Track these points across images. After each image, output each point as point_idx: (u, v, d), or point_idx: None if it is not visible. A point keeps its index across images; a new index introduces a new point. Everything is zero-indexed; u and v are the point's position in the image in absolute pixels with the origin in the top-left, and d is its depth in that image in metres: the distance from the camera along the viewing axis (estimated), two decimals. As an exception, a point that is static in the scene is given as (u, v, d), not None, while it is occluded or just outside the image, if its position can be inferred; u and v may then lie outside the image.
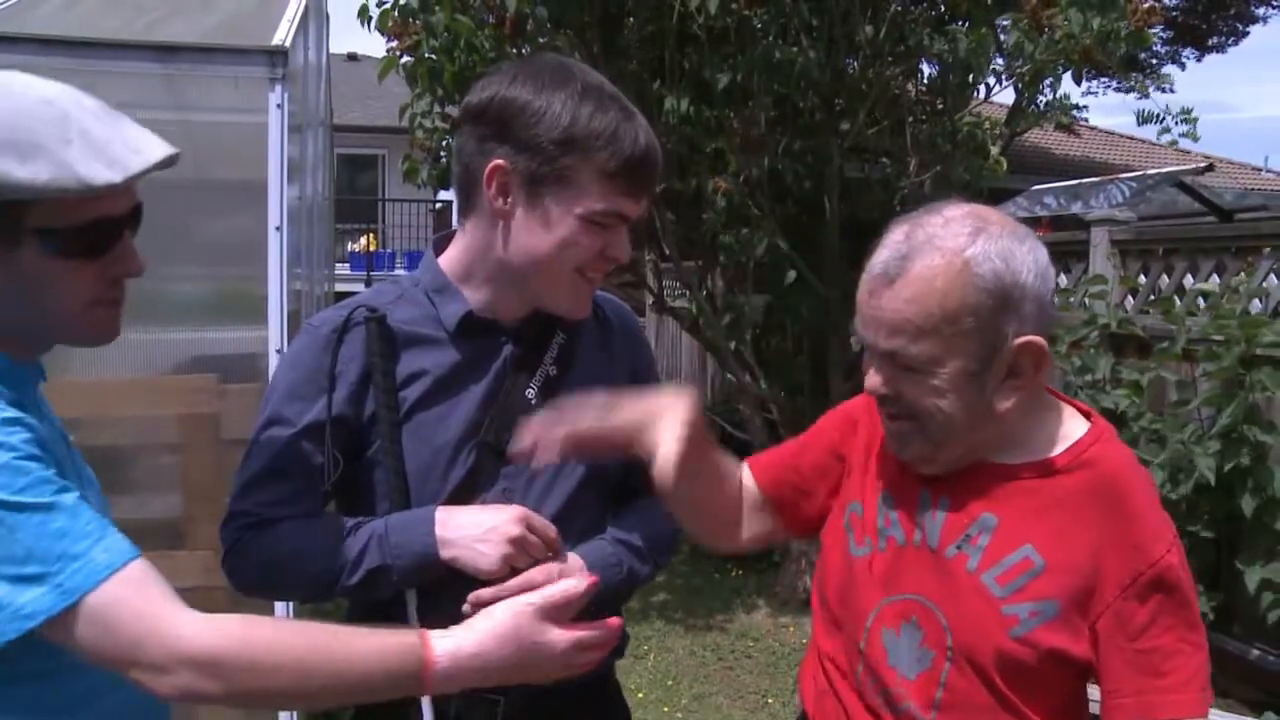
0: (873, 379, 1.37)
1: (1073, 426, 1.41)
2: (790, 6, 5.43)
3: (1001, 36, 5.86)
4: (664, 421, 1.36)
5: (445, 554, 1.46)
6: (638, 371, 1.72)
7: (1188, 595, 1.33)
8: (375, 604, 1.54)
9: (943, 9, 6.09)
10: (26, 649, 1.10)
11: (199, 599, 2.99)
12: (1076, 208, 9.72)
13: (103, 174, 1.16)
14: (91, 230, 1.20)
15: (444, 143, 6.27)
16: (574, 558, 1.54)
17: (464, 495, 1.53)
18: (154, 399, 2.90)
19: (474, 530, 1.46)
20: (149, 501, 2.95)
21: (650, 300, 7.56)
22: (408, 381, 1.53)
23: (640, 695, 4.80)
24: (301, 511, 1.52)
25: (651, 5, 5.43)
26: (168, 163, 1.21)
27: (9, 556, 1.08)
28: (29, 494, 1.10)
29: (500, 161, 1.47)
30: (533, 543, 1.47)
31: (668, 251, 6.30)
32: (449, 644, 1.24)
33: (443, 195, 14.78)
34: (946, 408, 1.32)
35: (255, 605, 1.85)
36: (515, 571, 1.46)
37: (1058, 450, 1.38)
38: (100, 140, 1.16)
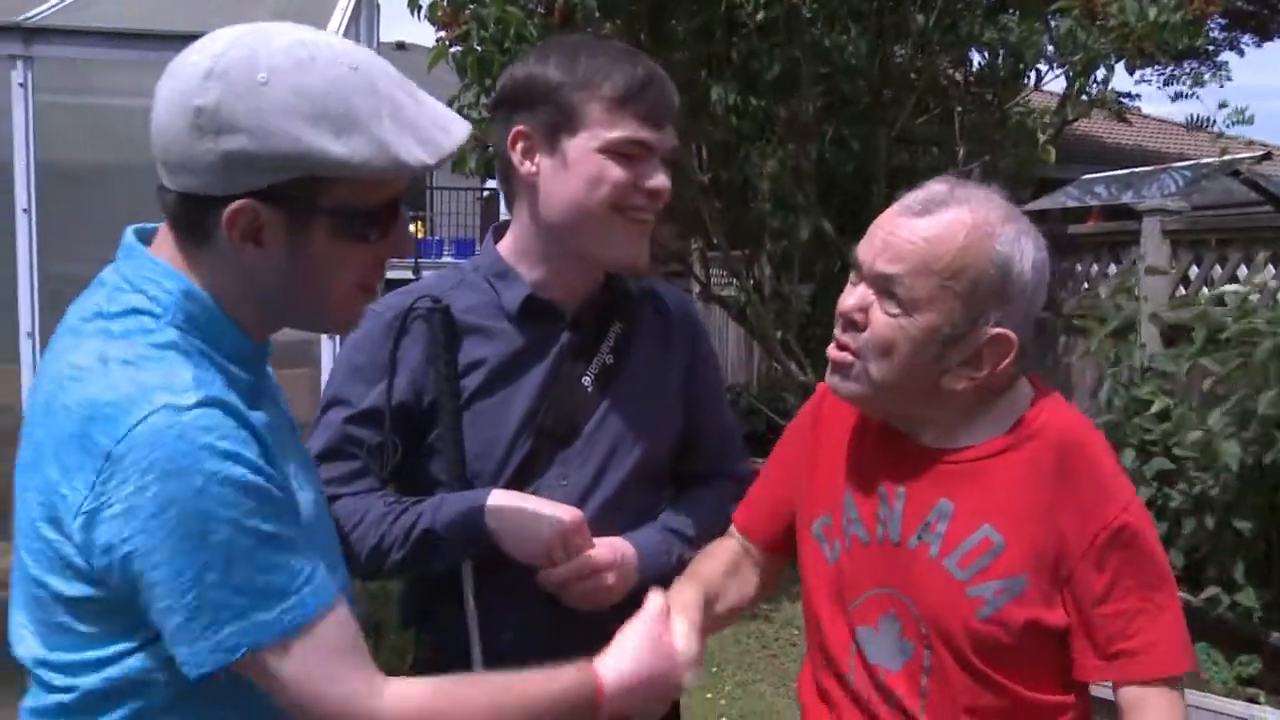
0: (852, 300, 1.37)
1: (1019, 399, 1.42)
2: (840, -4, 5.43)
3: (1053, 24, 5.79)
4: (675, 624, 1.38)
5: (491, 524, 1.49)
6: (695, 364, 1.74)
7: (1149, 552, 1.34)
8: (433, 588, 1.58)
9: (994, -3, 6.03)
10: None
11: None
12: (1128, 197, 9.59)
13: (416, 153, 1.08)
14: (385, 211, 1.13)
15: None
16: (625, 543, 1.57)
17: (520, 480, 1.56)
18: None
19: (526, 514, 1.49)
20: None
21: (697, 289, 7.57)
22: (468, 370, 1.56)
23: (683, 681, 4.84)
24: (359, 491, 1.55)
25: (698, -6, 5.44)
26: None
27: (233, 585, 1.02)
28: (260, 521, 1.04)
29: (519, 127, 1.52)
30: (575, 544, 1.49)
31: (715, 240, 6.31)
32: (611, 665, 1.25)
33: (490, 184, 14.89)
34: (903, 351, 1.32)
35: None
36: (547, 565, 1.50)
37: (1006, 427, 1.39)
38: (410, 116, 1.09)
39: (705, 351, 1.79)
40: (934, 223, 1.31)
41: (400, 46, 22.67)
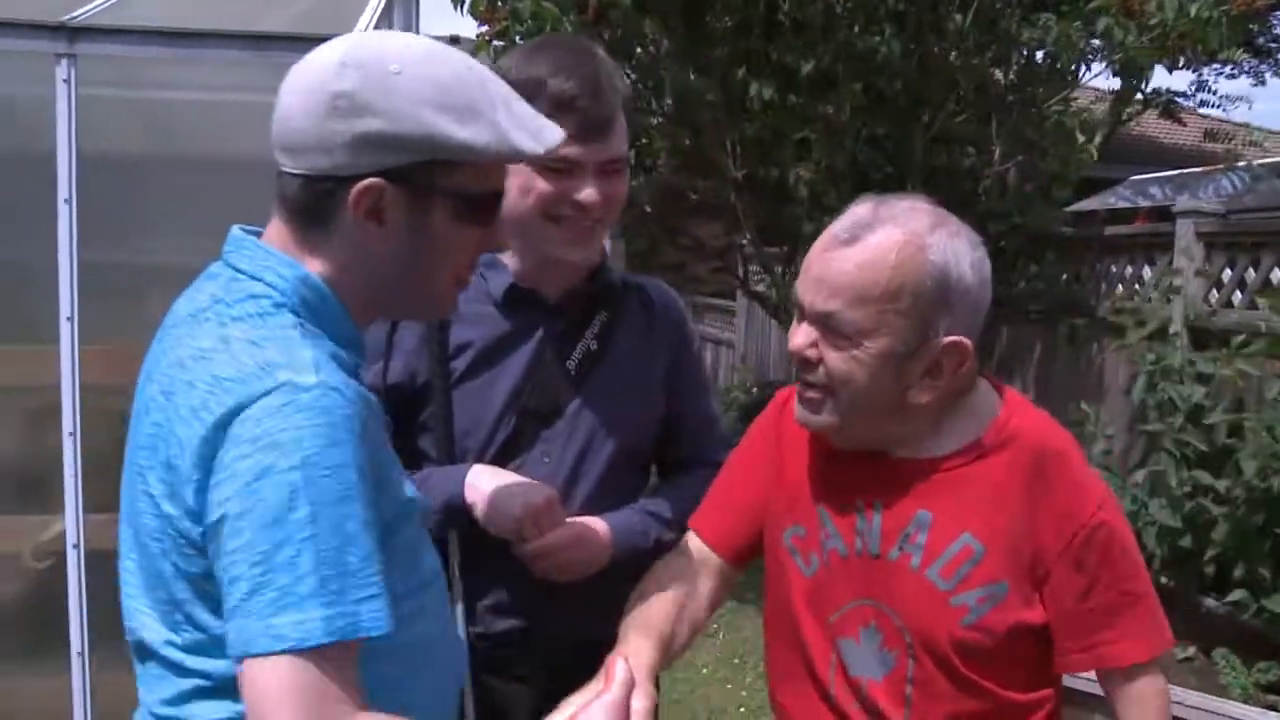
0: (800, 338, 1.38)
1: (988, 405, 1.44)
2: (875, -6, 5.43)
3: (1094, 24, 5.74)
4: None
5: (469, 496, 1.56)
6: (678, 355, 1.81)
7: (1124, 546, 1.38)
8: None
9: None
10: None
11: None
12: (1184, 198, 9.47)
13: (529, 144, 1.16)
14: (493, 199, 1.21)
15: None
16: (599, 522, 1.64)
17: (505, 456, 1.64)
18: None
19: (503, 489, 1.56)
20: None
21: (737, 285, 7.62)
22: (457, 352, 1.65)
23: (705, 671, 4.90)
24: None
25: (734, -7, 5.48)
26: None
27: (301, 571, 0.99)
28: (346, 517, 1.02)
29: None
30: (547, 521, 1.55)
31: (749, 236, 6.36)
32: None
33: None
34: (862, 380, 1.33)
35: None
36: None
37: (977, 435, 1.40)
38: (518, 112, 1.17)
39: (688, 343, 1.86)
40: (863, 249, 1.32)
41: (454, 40, 22.91)
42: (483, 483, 1.57)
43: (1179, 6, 5.36)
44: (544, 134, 1.18)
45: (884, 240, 1.31)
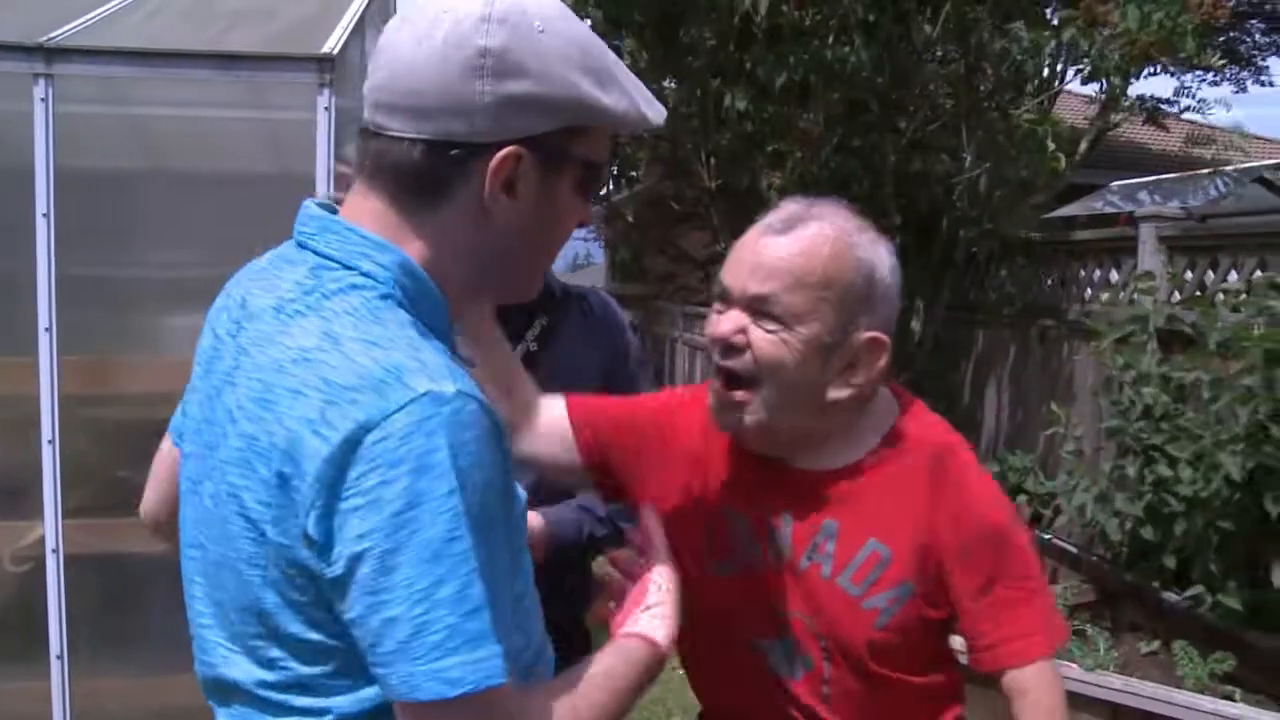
0: (727, 325, 1.39)
1: (887, 408, 1.49)
2: (846, 6, 5.52)
3: (1063, 34, 5.85)
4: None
5: None
6: (614, 360, 1.93)
7: (1017, 545, 1.44)
8: None
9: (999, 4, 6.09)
10: None
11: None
12: (1174, 203, 9.58)
13: (652, 112, 1.09)
14: (604, 170, 1.13)
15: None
16: (535, 516, 1.74)
17: None
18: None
19: None
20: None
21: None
22: None
23: (681, 673, 4.97)
24: None
25: (707, 6, 5.58)
26: None
27: (466, 609, 0.92)
28: (501, 541, 0.98)
29: None
30: None
31: (723, 245, 6.46)
32: (660, 629, 1.18)
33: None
34: (789, 366, 1.36)
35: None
36: None
37: (878, 439, 1.46)
38: (634, 80, 1.09)
39: (626, 350, 1.97)
40: (798, 238, 1.36)
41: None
42: None
43: (1141, 17, 5.47)
44: (656, 104, 1.11)
45: (818, 233, 1.37)
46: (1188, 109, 8.94)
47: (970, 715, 1.54)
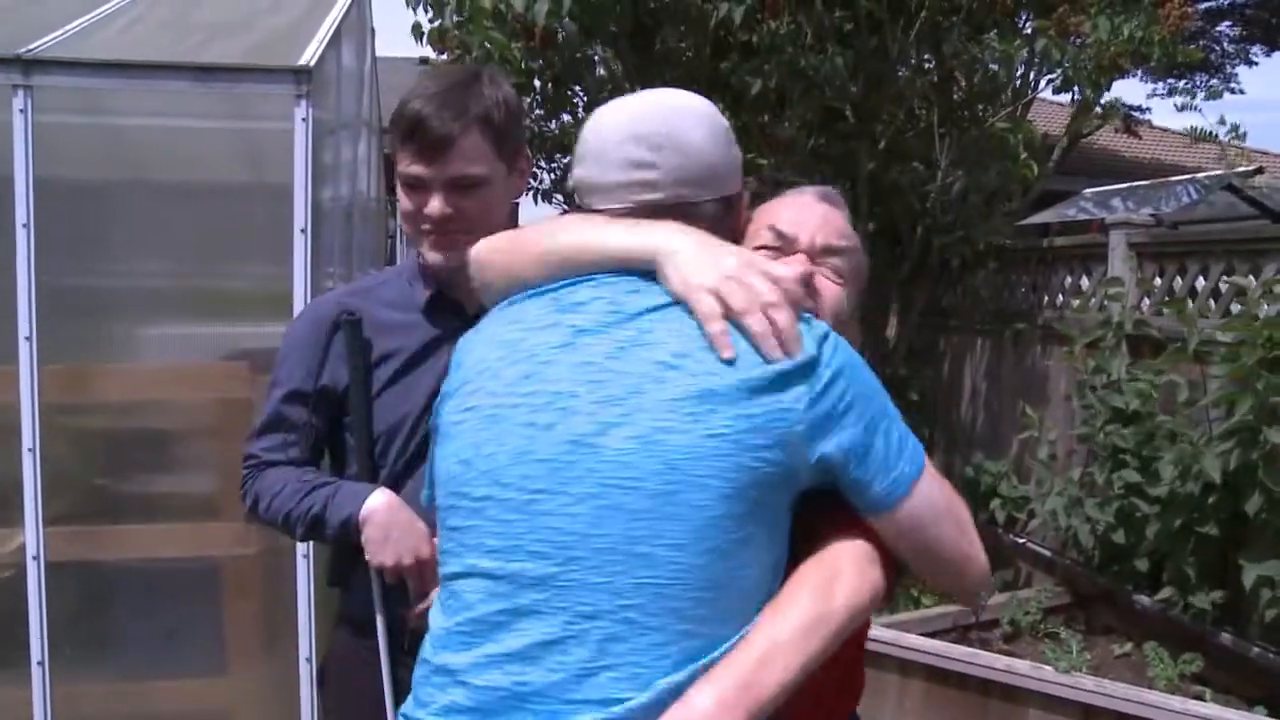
0: (792, 267, 1.38)
1: None
2: (820, 15, 5.59)
3: (1035, 44, 5.93)
4: None
5: (364, 529, 1.70)
6: None
7: None
8: (350, 555, 1.78)
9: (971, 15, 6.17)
10: None
11: (229, 565, 3.25)
12: (1147, 210, 9.69)
13: None
14: None
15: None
16: None
17: (424, 457, 1.74)
18: (193, 385, 3.22)
19: (395, 528, 1.70)
20: (187, 478, 3.27)
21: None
22: (387, 358, 1.81)
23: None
24: (290, 459, 1.81)
25: (682, 16, 5.63)
26: None
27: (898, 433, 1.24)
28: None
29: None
30: (430, 574, 1.64)
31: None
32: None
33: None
34: (842, 321, 1.41)
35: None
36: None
37: None
38: None
39: None
40: (838, 213, 1.49)
41: (424, 61, 23.06)
42: (379, 515, 1.70)
43: (1111, 28, 5.56)
44: None
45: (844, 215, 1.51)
46: (1185, 107, 9.02)
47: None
